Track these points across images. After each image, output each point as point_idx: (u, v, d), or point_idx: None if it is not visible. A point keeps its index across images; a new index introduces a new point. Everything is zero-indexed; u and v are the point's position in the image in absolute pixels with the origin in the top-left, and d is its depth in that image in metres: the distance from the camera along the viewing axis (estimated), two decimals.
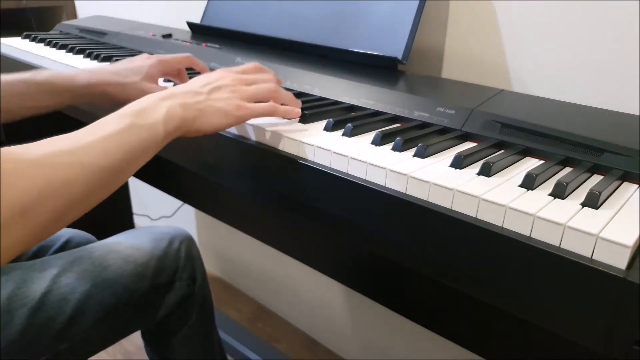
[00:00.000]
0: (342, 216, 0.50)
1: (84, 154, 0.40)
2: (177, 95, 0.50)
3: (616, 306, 0.35)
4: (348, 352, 1.33)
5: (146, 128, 0.45)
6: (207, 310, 0.81)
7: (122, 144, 0.43)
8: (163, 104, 0.48)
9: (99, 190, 0.41)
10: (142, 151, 0.45)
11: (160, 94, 0.50)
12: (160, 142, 0.47)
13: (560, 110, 0.58)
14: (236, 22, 0.98)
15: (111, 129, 0.43)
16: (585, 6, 0.67)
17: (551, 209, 0.39)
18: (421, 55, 0.85)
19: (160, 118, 0.46)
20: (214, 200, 1.04)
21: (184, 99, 0.50)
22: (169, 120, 0.47)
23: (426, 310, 0.69)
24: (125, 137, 0.43)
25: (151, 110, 0.47)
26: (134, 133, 0.44)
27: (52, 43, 1.06)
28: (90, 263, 0.66)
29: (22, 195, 0.34)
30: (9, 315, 0.58)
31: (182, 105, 0.49)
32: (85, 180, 0.39)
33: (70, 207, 0.38)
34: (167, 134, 0.47)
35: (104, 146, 0.41)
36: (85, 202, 0.40)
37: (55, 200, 0.37)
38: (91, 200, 0.41)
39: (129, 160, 0.43)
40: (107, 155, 0.41)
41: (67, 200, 0.38)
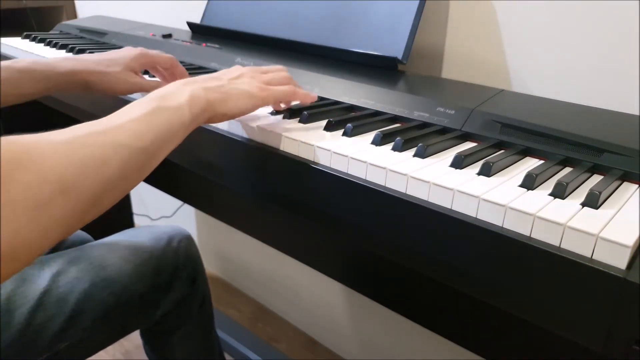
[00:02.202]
0: (342, 216, 0.50)
1: (116, 134, 0.40)
2: (199, 81, 0.51)
3: (616, 306, 0.35)
4: (348, 352, 1.33)
5: (172, 110, 0.45)
6: (206, 309, 0.81)
7: (151, 126, 0.43)
8: (186, 88, 0.48)
9: (133, 172, 0.41)
10: (171, 134, 0.45)
11: (181, 81, 0.51)
12: (188, 125, 0.47)
13: (560, 110, 0.58)
14: (236, 22, 0.98)
15: (139, 112, 0.43)
16: (585, 6, 0.67)
17: (551, 209, 0.39)
18: (421, 55, 0.85)
19: (185, 101, 0.47)
20: (214, 200, 1.04)
21: (206, 83, 0.51)
22: (194, 103, 0.48)
23: (426, 310, 0.69)
24: (154, 119, 0.43)
25: (175, 94, 0.47)
26: (161, 115, 0.44)
27: (52, 43, 1.06)
28: (89, 262, 0.66)
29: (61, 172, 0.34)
30: (8, 315, 0.58)
31: (204, 89, 0.50)
32: (119, 160, 0.39)
33: (108, 187, 0.38)
34: (193, 116, 0.47)
35: (135, 127, 0.41)
36: (121, 185, 0.40)
37: (92, 179, 0.36)
38: (127, 183, 0.40)
39: (159, 143, 0.43)
40: (138, 136, 0.41)
41: (104, 180, 0.37)
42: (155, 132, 0.43)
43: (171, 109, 0.45)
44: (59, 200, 0.34)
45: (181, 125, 0.46)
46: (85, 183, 0.36)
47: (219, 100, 0.50)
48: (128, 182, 0.41)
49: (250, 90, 0.53)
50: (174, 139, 0.46)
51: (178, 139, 0.46)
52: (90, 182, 0.36)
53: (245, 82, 0.54)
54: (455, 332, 0.65)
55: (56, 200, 0.33)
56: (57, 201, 0.33)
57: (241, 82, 0.54)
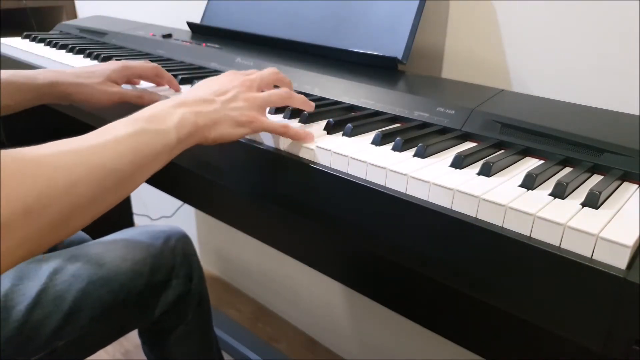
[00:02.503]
0: (342, 216, 0.50)
1: (90, 154, 0.38)
2: (191, 103, 0.49)
3: (616, 306, 0.35)
4: (348, 352, 1.33)
5: (158, 133, 0.44)
6: (204, 308, 0.81)
7: (131, 147, 0.41)
8: (176, 111, 0.47)
9: (106, 194, 0.39)
10: (153, 156, 0.43)
11: (172, 100, 0.49)
12: (173, 148, 0.45)
13: (560, 110, 0.58)
14: (236, 22, 0.98)
15: (121, 132, 0.42)
16: (585, 6, 0.67)
17: (551, 209, 0.39)
18: (421, 55, 0.85)
19: (173, 124, 0.45)
20: (214, 200, 1.04)
21: (198, 107, 0.49)
22: (182, 127, 0.46)
23: (426, 310, 0.69)
24: (136, 140, 0.42)
25: (163, 116, 0.46)
26: (144, 137, 0.43)
27: (52, 43, 1.06)
28: (86, 261, 0.66)
29: (24, 195, 0.33)
30: (5, 312, 0.58)
31: (195, 114, 0.48)
32: (91, 182, 0.37)
33: (76, 210, 0.37)
34: (179, 140, 0.46)
35: (113, 148, 0.40)
36: (92, 207, 0.38)
37: (59, 201, 0.35)
38: (99, 205, 0.39)
39: (139, 165, 0.42)
40: (116, 158, 0.40)
41: (72, 203, 0.36)
42: (135, 154, 0.41)
43: (156, 132, 0.44)
44: (21, 222, 0.33)
45: (166, 148, 0.44)
46: (52, 205, 0.35)
47: (208, 126, 0.49)
48: (101, 204, 0.39)
49: (241, 120, 0.51)
50: (156, 162, 0.44)
51: (160, 162, 0.45)
52: (57, 204, 0.35)
53: (238, 107, 0.52)
54: (455, 332, 0.65)
55: (18, 221, 0.32)
56: (19, 223, 0.33)
57: (234, 108, 0.52)
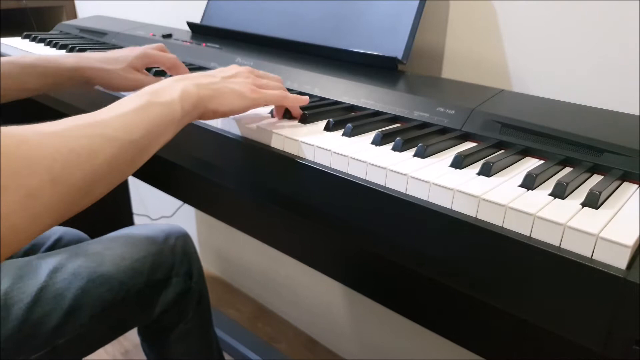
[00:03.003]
0: (342, 216, 0.50)
1: (105, 127, 0.40)
2: (192, 77, 0.52)
3: (616, 306, 0.35)
4: (348, 352, 1.33)
5: (163, 105, 0.46)
6: (204, 306, 0.81)
7: (141, 120, 0.43)
8: (178, 84, 0.49)
9: (123, 164, 0.41)
10: (162, 128, 0.45)
11: (174, 77, 0.51)
12: (179, 120, 0.48)
13: (560, 110, 0.58)
14: (236, 22, 0.98)
15: (129, 107, 0.44)
16: (585, 6, 0.67)
17: (551, 209, 0.39)
18: (421, 55, 0.85)
19: (177, 96, 0.48)
20: (214, 200, 1.04)
21: (199, 80, 0.52)
22: (185, 98, 0.48)
23: (426, 311, 0.69)
24: (144, 113, 0.44)
25: (166, 89, 0.48)
26: (152, 110, 0.45)
27: (52, 43, 1.06)
28: (86, 259, 0.66)
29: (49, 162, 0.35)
30: (5, 311, 0.58)
31: (196, 85, 0.50)
32: (108, 151, 0.39)
33: (97, 178, 0.39)
34: (184, 111, 0.48)
35: (125, 121, 0.42)
36: (111, 176, 0.40)
37: (82, 168, 0.37)
38: (116, 174, 0.41)
39: (149, 137, 0.44)
40: (128, 130, 0.42)
41: (93, 170, 0.38)
42: (145, 126, 0.44)
43: (162, 104, 0.46)
44: (48, 189, 0.35)
45: (172, 120, 0.47)
46: (75, 173, 0.37)
47: (210, 97, 0.51)
48: (118, 173, 0.41)
49: (242, 90, 0.54)
50: (165, 134, 0.46)
51: (169, 133, 0.47)
52: (80, 172, 0.37)
53: (238, 81, 0.55)
54: (455, 332, 0.65)
55: (45, 189, 0.34)
56: (47, 190, 0.34)
57: (234, 82, 0.55)
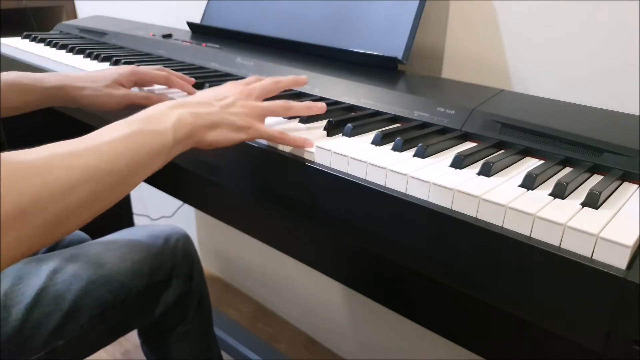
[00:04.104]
0: (342, 216, 0.50)
1: (87, 156, 0.39)
2: (189, 105, 0.49)
3: (616, 306, 0.35)
4: (348, 352, 1.33)
5: (154, 134, 0.44)
6: (204, 307, 0.81)
7: (128, 149, 0.41)
8: (173, 112, 0.47)
9: (103, 196, 0.39)
10: (150, 157, 0.43)
11: (170, 102, 0.49)
12: (170, 149, 0.45)
13: (560, 110, 0.58)
14: (236, 22, 0.98)
15: (117, 134, 0.42)
16: (585, 6, 0.67)
17: (551, 209, 0.39)
18: (421, 55, 0.85)
19: (170, 125, 0.45)
20: (214, 200, 1.04)
21: (196, 108, 0.49)
22: (179, 128, 0.46)
23: (426, 310, 0.69)
24: (132, 142, 0.42)
25: (160, 117, 0.46)
26: (141, 138, 0.43)
27: (52, 43, 1.06)
28: (86, 260, 0.66)
29: (19, 197, 0.33)
30: (5, 312, 0.58)
31: (193, 115, 0.48)
32: (87, 183, 0.38)
33: (72, 211, 0.37)
34: (176, 141, 0.46)
35: (109, 150, 0.40)
36: (89, 208, 0.38)
37: (54, 203, 0.35)
38: (95, 206, 0.39)
39: (136, 166, 0.42)
40: (112, 160, 0.40)
41: (68, 205, 0.36)
42: (131, 156, 0.41)
43: (153, 133, 0.44)
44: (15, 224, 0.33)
45: (162, 149, 0.44)
46: (46, 210, 0.35)
47: (206, 128, 0.49)
48: (97, 205, 0.39)
49: (240, 125, 0.51)
50: (153, 163, 0.44)
51: (158, 163, 0.45)
52: (51, 207, 0.35)
53: (237, 113, 0.52)
54: (455, 332, 0.65)
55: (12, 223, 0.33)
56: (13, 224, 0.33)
57: (233, 113, 0.52)
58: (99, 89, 0.67)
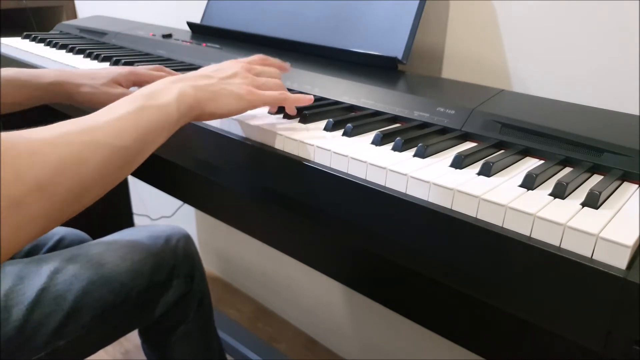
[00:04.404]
0: (341, 216, 0.50)
1: (97, 133, 0.40)
2: (189, 78, 0.51)
3: (616, 306, 0.35)
4: (348, 352, 1.33)
5: (159, 108, 0.45)
6: (205, 307, 0.81)
7: (135, 124, 0.43)
8: (174, 86, 0.48)
9: (114, 170, 0.41)
10: (156, 132, 0.45)
11: (171, 78, 0.50)
12: (174, 122, 0.47)
13: (560, 110, 0.58)
14: (236, 22, 0.98)
15: (123, 110, 0.43)
16: (585, 6, 0.67)
17: (551, 209, 0.39)
18: (421, 55, 0.85)
19: (173, 98, 0.47)
20: (214, 200, 1.04)
21: (196, 81, 0.51)
22: (182, 101, 0.47)
23: (426, 310, 0.69)
24: (138, 117, 0.43)
25: (163, 91, 0.47)
26: (146, 113, 0.44)
27: (52, 43, 1.06)
28: (87, 260, 0.66)
29: (37, 172, 0.34)
30: (6, 312, 0.58)
31: (194, 87, 0.50)
32: (99, 159, 0.39)
33: (86, 186, 0.38)
34: (180, 114, 0.47)
35: (117, 126, 0.41)
36: (101, 183, 0.40)
37: (70, 177, 0.36)
38: (107, 181, 0.40)
39: (143, 141, 0.43)
40: (121, 135, 0.41)
41: (82, 179, 0.37)
42: (138, 131, 0.43)
43: (157, 107, 0.45)
44: (34, 199, 0.34)
45: (167, 123, 0.46)
46: (63, 182, 0.36)
47: (208, 99, 0.50)
48: (109, 180, 0.41)
49: (240, 92, 0.53)
50: (159, 137, 0.45)
51: (163, 137, 0.46)
52: (68, 182, 0.36)
53: (236, 82, 0.54)
54: (455, 332, 0.65)
55: (31, 198, 0.34)
56: (33, 199, 0.34)
57: (232, 83, 0.53)
58: (96, 87, 0.67)
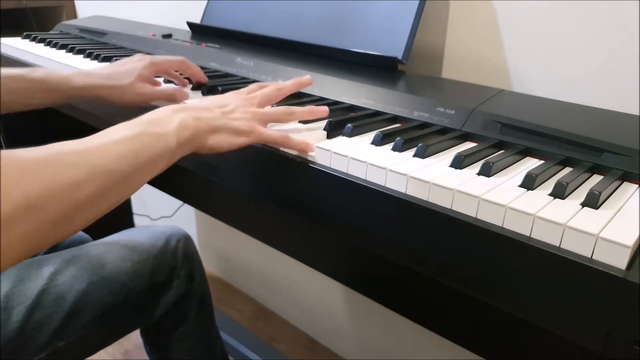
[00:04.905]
0: (341, 216, 0.50)
1: (92, 156, 0.39)
2: (191, 109, 0.50)
3: (616, 306, 0.35)
4: (348, 352, 1.33)
5: (158, 136, 0.45)
6: (206, 307, 0.81)
7: (132, 150, 0.42)
8: (176, 115, 0.48)
9: (107, 195, 0.40)
10: (153, 160, 0.44)
11: (172, 106, 0.50)
12: (172, 152, 0.46)
13: (560, 110, 0.58)
14: (236, 22, 0.98)
15: (121, 135, 0.42)
16: (585, 6, 0.67)
17: (551, 209, 0.39)
18: (421, 55, 0.85)
19: (173, 128, 0.46)
20: (214, 200, 1.04)
21: (198, 113, 0.50)
22: (182, 131, 0.47)
23: (426, 310, 0.69)
24: (136, 143, 0.42)
25: (163, 120, 0.47)
26: (144, 140, 0.43)
27: (52, 43, 1.06)
28: (87, 261, 0.66)
29: (26, 191, 0.34)
30: (6, 313, 0.58)
31: (195, 118, 0.49)
32: (92, 182, 0.38)
33: (77, 209, 0.37)
34: (179, 144, 0.46)
35: (113, 150, 0.41)
36: (93, 207, 0.39)
37: (61, 199, 0.36)
38: (100, 205, 0.39)
39: (139, 168, 0.42)
40: (116, 160, 0.40)
41: (74, 202, 0.37)
42: (135, 157, 0.42)
43: (157, 135, 0.45)
44: (22, 217, 0.33)
45: (165, 152, 0.45)
46: (53, 205, 0.35)
47: (208, 132, 0.50)
48: (103, 203, 0.40)
49: (241, 128, 0.52)
50: (156, 165, 0.45)
51: (161, 165, 0.45)
52: (58, 203, 0.36)
53: (238, 118, 0.53)
54: (455, 332, 0.65)
55: (19, 218, 0.33)
56: (21, 218, 0.33)
57: (234, 118, 0.52)
58: (125, 87, 0.67)
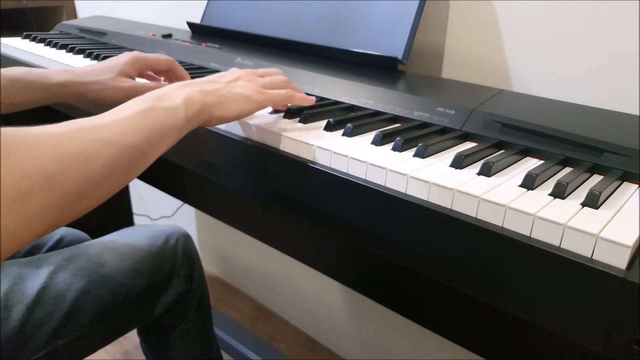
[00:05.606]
0: (341, 216, 0.50)
1: (104, 131, 0.40)
2: (196, 84, 0.51)
3: (616, 306, 0.35)
4: (348, 352, 1.33)
5: (167, 111, 0.45)
6: (204, 307, 0.81)
7: (143, 125, 0.43)
8: (182, 90, 0.49)
9: (120, 170, 0.40)
10: (163, 134, 0.45)
11: (178, 83, 0.51)
12: (182, 126, 0.47)
13: (560, 110, 0.58)
14: (236, 22, 0.98)
15: (131, 111, 0.43)
16: (585, 6, 0.67)
17: (551, 209, 0.39)
18: (421, 55, 0.85)
19: (180, 102, 0.47)
20: (214, 200, 1.04)
21: (203, 86, 0.51)
22: (190, 105, 0.48)
23: (426, 310, 0.69)
24: (146, 118, 0.43)
25: (171, 95, 0.47)
26: (154, 115, 0.44)
27: (52, 43, 1.06)
28: (86, 260, 0.66)
29: (43, 166, 0.34)
30: (5, 312, 0.58)
31: (201, 92, 0.50)
32: (106, 156, 0.39)
33: (93, 183, 0.38)
34: (187, 118, 0.47)
35: (125, 126, 0.41)
36: (108, 181, 0.39)
37: (76, 172, 0.36)
38: (113, 180, 0.40)
39: (150, 142, 0.43)
40: (128, 135, 0.41)
41: (88, 177, 0.37)
42: (146, 132, 0.43)
43: (165, 110, 0.45)
44: (41, 193, 0.34)
45: (174, 126, 0.46)
46: (69, 177, 0.36)
47: (216, 103, 0.50)
48: (116, 179, 0.40)
49: (248, 94, 0.53)
50: (167, 140, 0.45)
51: (171, 140, 0.46)
52: (74, 176, 0.36)
53: (242, 85, 0.54)
54: (455, 332, 0.65)
55: (38, 192, 0.34)
56: (39, 193, 0.34)
57: (238, 86, 0.54)
58: (104, 83, 0.66)
